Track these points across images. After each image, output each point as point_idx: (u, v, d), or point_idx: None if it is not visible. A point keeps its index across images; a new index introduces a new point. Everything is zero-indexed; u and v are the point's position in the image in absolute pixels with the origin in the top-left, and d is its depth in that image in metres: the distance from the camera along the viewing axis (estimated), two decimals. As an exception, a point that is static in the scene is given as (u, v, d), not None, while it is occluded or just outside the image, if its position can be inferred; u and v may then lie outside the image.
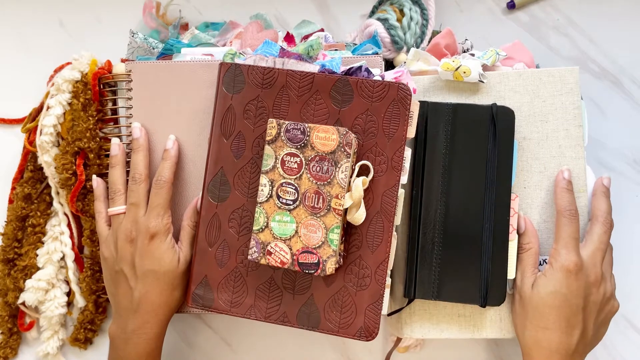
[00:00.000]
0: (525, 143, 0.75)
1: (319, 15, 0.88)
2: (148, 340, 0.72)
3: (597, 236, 0.72)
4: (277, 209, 0.68)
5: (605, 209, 0.73)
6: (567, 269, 0.69)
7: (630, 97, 0.85)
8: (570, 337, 0.69)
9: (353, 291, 0.69)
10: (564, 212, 0.72)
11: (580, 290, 0.69)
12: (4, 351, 0.82)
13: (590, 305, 0.70)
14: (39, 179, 0.83)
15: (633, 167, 0.85)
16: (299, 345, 0.83)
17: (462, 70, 0.74)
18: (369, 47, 0.78)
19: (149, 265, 0.72)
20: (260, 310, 0.71)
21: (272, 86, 0.71)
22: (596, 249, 0.71)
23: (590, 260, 0.71)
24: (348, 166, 0.67)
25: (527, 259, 0.72)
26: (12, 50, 0.88)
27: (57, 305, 0.81)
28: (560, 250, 0.70)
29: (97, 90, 0.80)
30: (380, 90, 0.69)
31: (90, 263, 0.81)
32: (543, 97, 0.75)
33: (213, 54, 0.78)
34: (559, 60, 0.86)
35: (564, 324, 0.69)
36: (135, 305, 0.72)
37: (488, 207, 0.72)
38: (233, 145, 0.72)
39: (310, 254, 0.68)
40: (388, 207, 0.69)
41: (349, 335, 0.69)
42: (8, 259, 0.82)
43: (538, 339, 0.69)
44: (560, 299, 0.69)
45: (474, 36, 0.83)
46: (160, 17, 0.85)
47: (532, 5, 0.87)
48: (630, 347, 0.83)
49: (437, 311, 0.75)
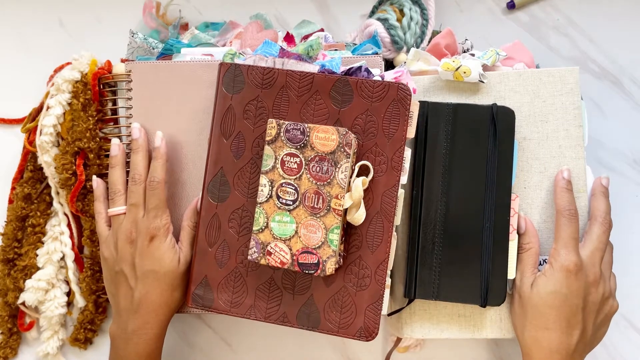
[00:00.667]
0: (525, 143, 0.75)
1: (319, 15, 0.88)
2: (148, 341, 0.72)
3: (596, 236, 0.72)
4: (277, 209, 0.68)
5: (604, 209, 0.73)
6: (567, 269, 0.69)
7: (630, 97, 0.85)
8: (570, 337, 0.69)
9: (353, 291, 0.69)
10: (564, 212, 0.72)
11: (580, 290, 0.69)
12: (4, 351, 0.82)
13: (590, 305, 0.70)
14: (39, 179, 0.83)
15: (633, 167, 0.85)
16: (299, 346, 0.83)
17: (462, 70, 0.74)
18: (368, 47, 0.78)
19: (149, 265, 0.72)
20: (260, 311, 0.71)
21: (271, 86, 0.71)
22: (595, 249, 0.71)
23: (590, 260, 0.71)
24: (348, 166, 0.67)
25: (527, 259, 0.72)
26: (12, 50, 0.88)
27: (57, 305, 0.81)
28: (560, 250, 0.70)
29: (97, 90, 0.80)
30: (380, 91, 0.69)
31: (90, 263, 0.81)
32: (543, 97, 0.75)
33: (213, 54, 0.78)
34: (559, 60, 0.86)
35: (564, 324, 0.69)
36: (136, 305, 0.72)
37: (488, 207, 0.72)
38: (233, 146, 0.72)
39: (310, 254, 0.68)
40: (388, 207, 0.69)
41: (348, 336, 0.69)
42: (8, 259, 0.82)
43: (538, 338, 0.69)
44: (560, 299, 0.69)
45: (474, 36, 0.83)
46: (160, 17, 0.85)
47: (532, 5, 0.87)
48: (630, 347, 0.83)
49: (437, 311, 0.75)
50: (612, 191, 0.77)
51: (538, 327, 0.70)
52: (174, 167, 0.77)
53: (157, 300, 0.72)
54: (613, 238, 0.74)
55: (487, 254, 0.72)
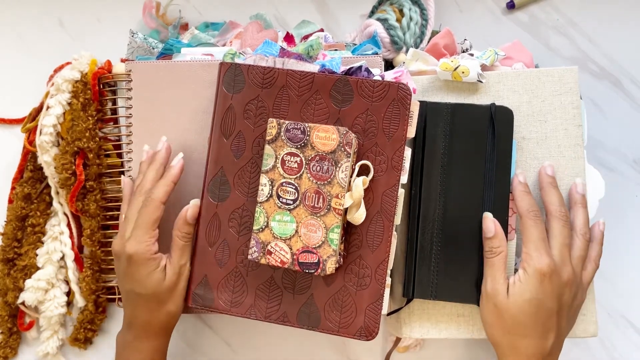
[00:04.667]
0: (524, 143, 0.75)
1: (319, 15, 0.88)
2: (144, 351, 0.72)
3: (558, 231, 0.70)
4: (277, 209, 0.68)
5: (556, 202, 0.71)
6: (541, 272, 0.67)
7: (630, 97, 0.86)
8: (546, 341, 0.68)
9: (353, 291, 0.69)
10: (528, 214, 0.70)
11: (554, 293, 0.68)
12: (4, 351, 0.82)
13: (564, 306, 0.69)
14: (39, 178, 0.83)
15: (633, 167, 0.85)
16: (299, 345, 0.83)
17: (461, 70, 0.74)
18: (368, 47, 0.78)
19: (129, 285, 0.71)
20: (260, 310, 0.71)
21: (272, 86, 0.71)
22: (561, 245, 0.70)
23: (560, 259, 0.69)
24: (348, 166, 0.67)
25: (498, 263, 0.70)
26: (12, 50, 0.88)
27: (57, 305, 0.81)
28: (531, 253, 0.68)
29: (96, 90, 0.80)
30: (380, 90, 0.69)
31: (90, 263, 0.81)
32: (542, 97, 0.75)
33: (213, 54, 0.78)
34: (559, 60, 0.86)
35: (540, 329, 0.68)
36: (128, 319, 0.73)
37: (487, 207, 0.72)
38: (233, 145, 0.72)
39: (310, 254, 0.68)
40: (388, 206, 0.69)
41: (349, 335, 0.69)
42: (8, 259, 0.82)
43: (516, 346, 0.68)
44: (537, 305, 0.68)
45: (474, 36, 0.83)
46: (160, 17, 0.85)
47: (531, 5, 0.87)
48: (631, 347, 0.83)
49: (436, 311, 0.75)
50: (612, 191, 0.77)
51: (517, 335, 0.68)
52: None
53: (146, 317, 0.71)
54: (613, 238, 0.74)
55: (487, 253, 0.72)
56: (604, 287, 0.82)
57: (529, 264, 0.68)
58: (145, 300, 0.71)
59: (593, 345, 0.83)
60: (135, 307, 0.71)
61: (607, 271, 0.81)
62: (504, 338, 0.69)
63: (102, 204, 0.81)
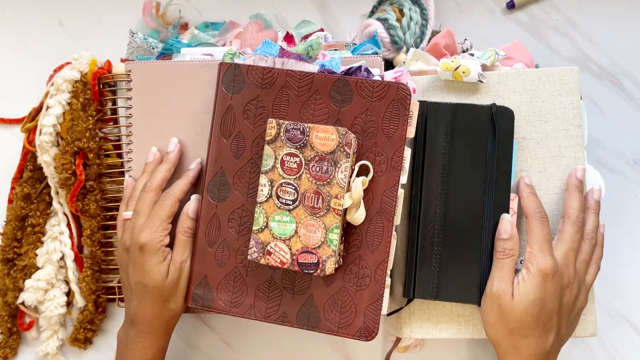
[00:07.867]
0: (524, 143, 0.75)
1: (319, 15, 0.88)
2: (144, 349, 0.72)
3: (569, 236, 0.70)
4: (276, 209, 0.68)
5: (577, 207, 0.71)
6: (544, 273, 0.68)
7: (630, 97, 0.85)
8: (546, 341, 0.68)
9: (353, 291, 0.69)
10: (534, 215, 0.70)
11: (556, 294, 0.68)
12: (4, 351, 0.82)
13: (564, 307, 0.69)
14: (39, 178, 0.83)
15: (633, 167, 0.85)
16: (299, 346, 0.83)
17: (461, 70, 0.74)
18: (368, 47, 0.78)
19: (138, 276, 0.71)
20: (260, 310, 0.71)
21: (271, 86, 0.71)
22: (569, 249, 0.70)
23: (564, 262, 0.69)
24: (348, 166, 0.67)
25: (508, 265, 0.70)
26: (12, 50, 0.88)
27: (57, 305, 0.81)
28: (535, 253, 0.69)
29: (96, 90, 0.80)
30: (379, 90, 0.69)
31: (90, 263, 0.81)
32: (542, 97, 0.75)
33: (213, 54, 0.78)
34: (559, 60, 0.86)
35: (541, 328, 0.68)
36: (132, 315, 0.73)
37: (487, 207, 0.72)
38: (233, 145, 0.72)
39: (309, 254, 0.68)
40: (388, 207, 0.69)
41: (348, 335, 0.69)
42: (7, 259, 0.82)
43: (517, 346, 0.69)
44: (539, 305, 0.68)
45: (473, 36, 0.83)
46: (160, 17, 0.85)
47: (531, 5, 0.87)
48: (630, 347, 0.83)
49: (437, 311, 0.75)
50: (612, 191, 0.77)
51: (519, 335, 0.68)
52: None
53: (150, 312, 0.72)
54: (613, 238, 0.74)
55: (486, 253, 0.72)
56: (604, 287, 0.82)
57: (533, 263, 0.69)
58: (152, 294, 0.71)
59: (593, 345, 0.83)
60: (141, 300, 0.71)
61: (607, 271, 0.81)
62: (505, 338, 0.69)
63: (102, 204, 0.81)
